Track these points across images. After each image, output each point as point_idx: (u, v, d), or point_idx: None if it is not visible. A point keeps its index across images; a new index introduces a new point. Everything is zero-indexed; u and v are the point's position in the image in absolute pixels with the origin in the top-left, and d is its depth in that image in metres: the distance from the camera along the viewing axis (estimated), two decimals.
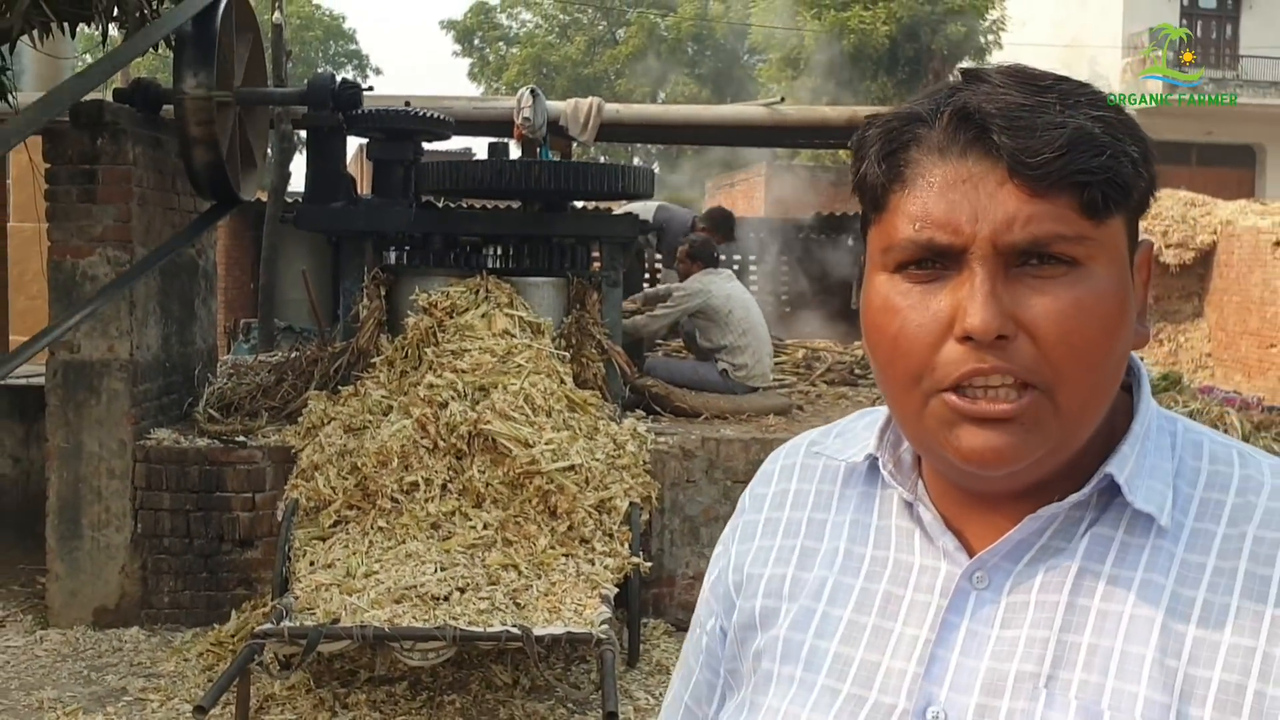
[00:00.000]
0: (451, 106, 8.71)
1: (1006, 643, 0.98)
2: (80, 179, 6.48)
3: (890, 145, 0.98)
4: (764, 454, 5.64)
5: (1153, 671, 0.94)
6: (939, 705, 0.98)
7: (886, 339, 0.98)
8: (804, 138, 13.30)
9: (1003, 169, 0.93)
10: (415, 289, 6.65)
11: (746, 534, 1.19)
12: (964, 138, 0.95)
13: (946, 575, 1.03)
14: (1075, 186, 0.93)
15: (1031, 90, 0.95)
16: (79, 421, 6.46)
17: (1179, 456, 1.03)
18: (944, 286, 0.96)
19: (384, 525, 5.76)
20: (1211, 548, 0.98)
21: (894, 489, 1.09)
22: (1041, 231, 0.93)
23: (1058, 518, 1.00)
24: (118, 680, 5.74)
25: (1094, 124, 0.94)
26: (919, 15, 25.27)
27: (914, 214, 0.96)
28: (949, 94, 0.98)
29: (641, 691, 5.66)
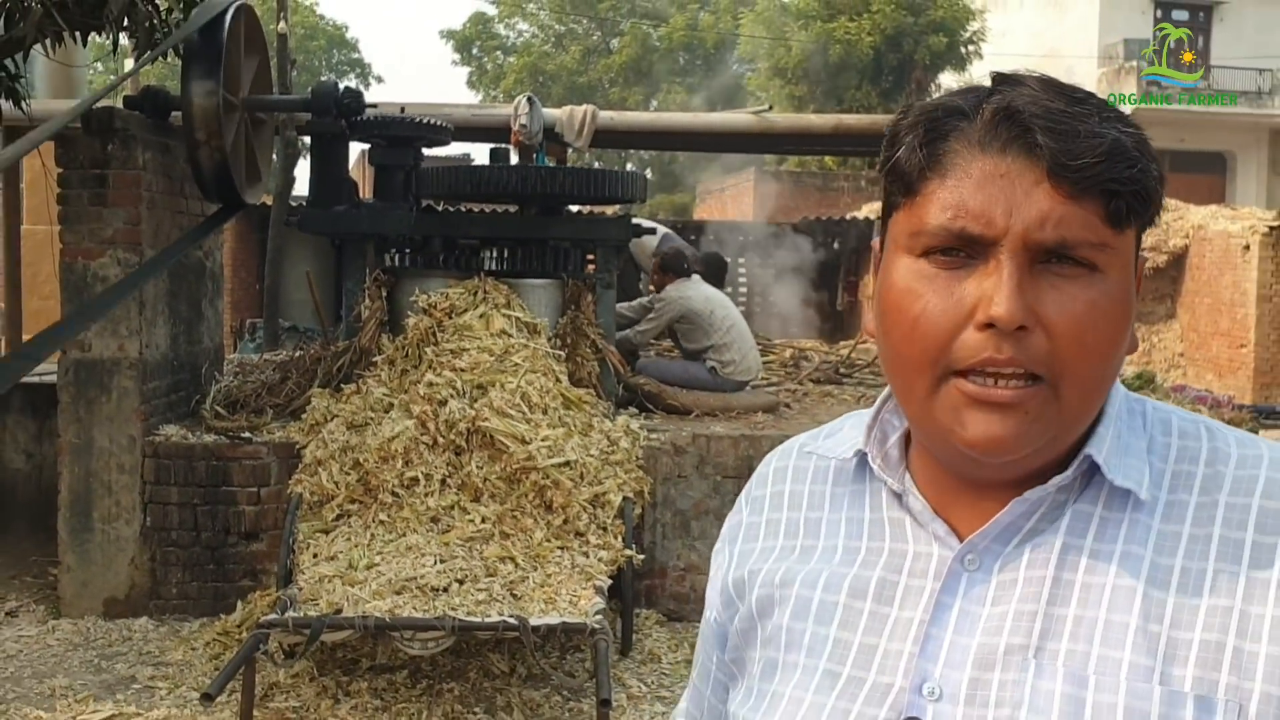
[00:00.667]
0: (451, 114, 8.70)
1: (996, 619, 1.00)
2: (91, 183, 6.47)
3: (931, 134, 0.99)
4: (753, 450, 5.68)
5: (1136, 637, 0.95)
6: (934, 681, 1.00)
7: (907, 320, 0.99)
8: (791, 144, 13.31)
9: (1041, 169, 0.94)
10: (415, 290, 6.65)
11: (748, 535, 1.20)
12: (1005, 134, 0.96)
13: (939, 559, 1.04)
14: (1105, 195, 0.94)
15: (1069, 99, 0.96)
16: (90, 418, 6.45)
17: (1149, 434, 1.05)
18: (969, 274, 0.96)
19: (385, 519, 5.75)
20: (1186, 517, 1.00)
21: (883, 481, 1.10)
22: (1070, 234, 0.94)
23: (1044, 501, 1.01)
24: (127, 669, 5.74)
25: (1126, 137, 0.96)
26: (902, 27, 25.28)
27: (949, 202, 0.96)
28: (988, 93, 0.99)
29: (634, 679, 5.66)
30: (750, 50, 28.46)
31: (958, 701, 0.98)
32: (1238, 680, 0.94)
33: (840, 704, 1.03)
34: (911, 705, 1.00)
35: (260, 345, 8.56)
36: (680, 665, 5.90)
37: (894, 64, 25.68)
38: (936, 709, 0.99)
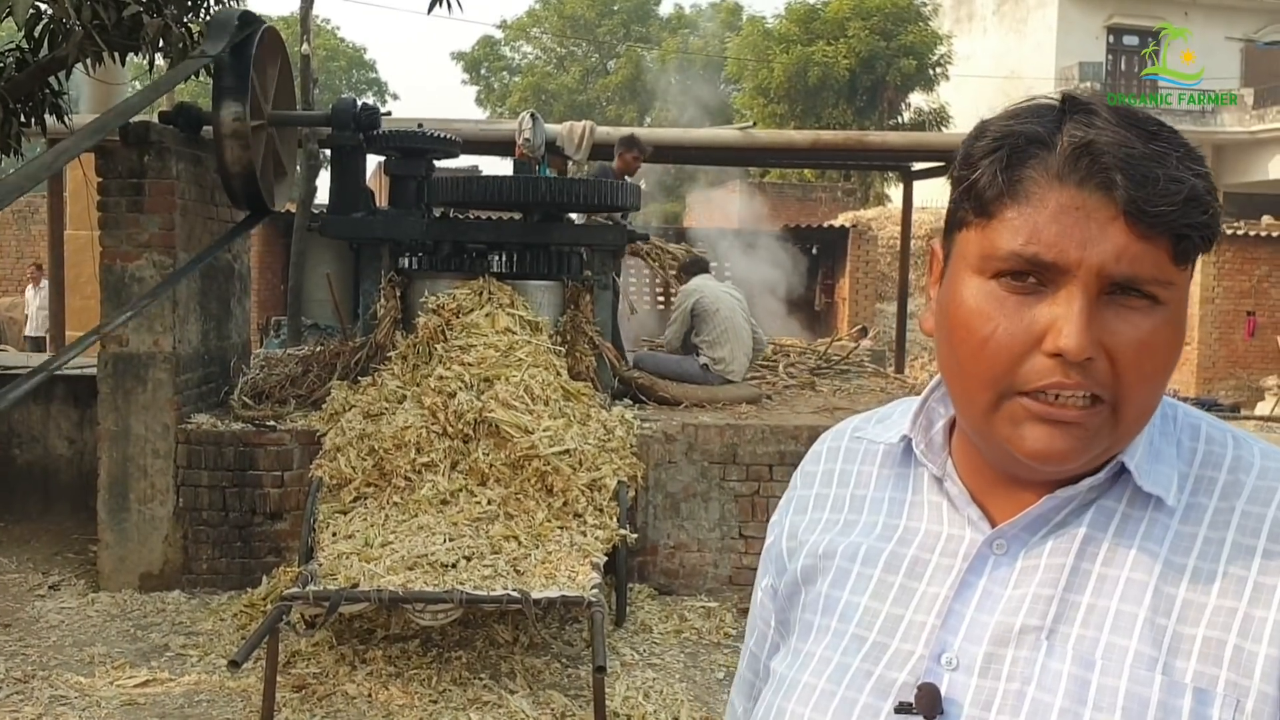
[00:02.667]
0: (460, 128, 8.68)
1: (1016, 600, 0.99)
2: (129, 191, 6.45)
3: (1011, 160, 0.95)
4: (737, 438, 5.66)
5: (1144, 628, 0.95)
6: (952, 652, 1.00)
7: (976, 339, 0.96)
8: (773, 158, 13.31)
9: (1115, 207, 0.91)
10: (427, 290, 6.63)
11: (800, 507, 1.20)
12: (1084, 169, 0.92)
13: (969, 542, 1.04)
14: (1175, 236, 0.92)
15: (1145, 136, 0.93)
16: (127, 407, 6.43)
17: (1178, 439, 1.03)
18: (1039, 301, 0.94)
19: (398, 501, 5.74)
20: (1204, 520, 0.98)
21: (925, 467, 1.10)
22: (1141, 271, 0.92)
23: (1075, 499, 1.00)
24: (161, 638, 5.72)
25: (1200, 181, 0.93)
26: (875, 50, 25.25)
27: (1025, 229, 0.93)
28: (1059, 118, 0.95)
29: (628, 648, 5.65)
30: (736, 71, 28.40)
31: (972, 673, 0.98)
32: (1237, 677, 0.92)
33: (864, 666, 1.04)
34: (930, 672, 1.00)
35: (284, 341, 8.54)
36: (670, 635, 5.90)
37: (868, 85, 25.66)
38: (952, 678, 0.99)
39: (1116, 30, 29.37)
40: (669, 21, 41.09)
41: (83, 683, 5.08)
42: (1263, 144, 27.25)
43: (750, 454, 6.62)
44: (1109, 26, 29.18)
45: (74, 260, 11.11)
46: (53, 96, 6.26)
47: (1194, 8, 28.93)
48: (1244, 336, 16.78)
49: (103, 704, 4.88)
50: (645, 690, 5.10)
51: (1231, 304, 16.75)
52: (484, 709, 4.82)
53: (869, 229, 16.69)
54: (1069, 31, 28.82)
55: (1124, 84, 29.29)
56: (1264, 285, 16.75)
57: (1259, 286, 16.75)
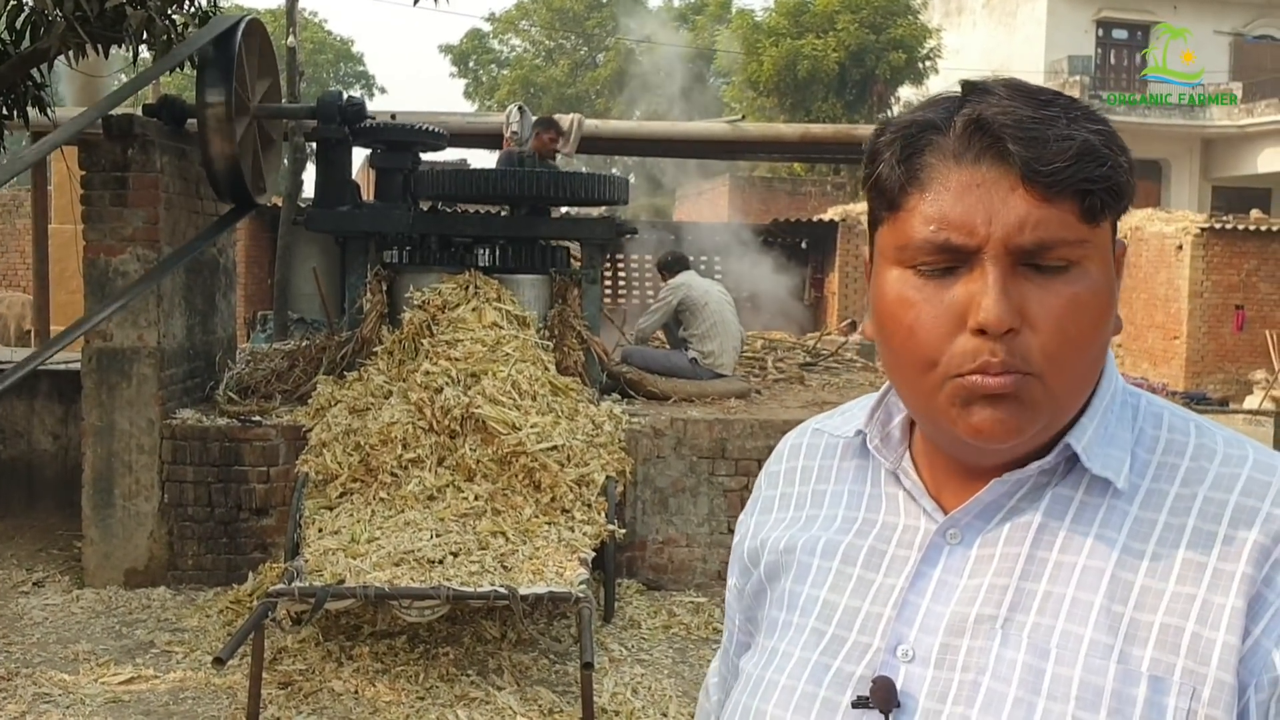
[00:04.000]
0: (447, 121, 8.65)
1: (971, 590, 0.99)
2: (113, 185, 6.41)
3: (907, 150, 0.96)
4: (725, 433, 5.65)
5: (1099, 616, 0.94)
6: (908, 644, 0.99)
7: (902, 329, 0.97)
8: (762, 151, 13.30)
9: (1014, 176, 0.92)
10: (412, 285, 6.60)
11: (765, 507, 1.21)
12: (978, 145, 0.93)
13: (924, 532, 1.03)
14: (1078, 194, 0.92)
15: (1036, 103, 0.93)
16: (112, 402, 6.40)
17: (1139, 426, 1.02)
18: (956, 281, 0.94)
19: (385, 497, 5.72)
20: (1164, 506, 0.97)
21: (880, 460, 1.10)
22: (1048, 235, 0.92)
23: (1025, 482, 1.00)
24: (146, 634, 5.69)
25: (1095, 136, 0.93)
26: (865, 44, 25.25)
27: (931, 215, 0.94)
28: (958, 104, 0.96)
29: (616, 644, 5.64)
30: (725, 65, 28.39)
31: (928, 664, 0.98)
32: (1194, 665, 0.91)
33: (823, 659, 1.04)
34: (885, 665, 1.00)
35: (271, 335, 8.51)
36: (658, 630, 5.89)
37: (857, 78, 25.66)
38: (908, 670, 0.99)
39: (1106, 24, 29.41)
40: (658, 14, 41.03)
41: (67, 680, 5.06)
42: (1251, 138, 27.32)
43: (739, 449, 6.62)
44: (1098, 20, 29.21)
45: (58, 255, 11.07)
46: (35, 89, 6.22)
47: (1183, 2, 28.98)
48: (1232, 330, 16.82)
49: (87, 701, 4.85)
50: (633, 686, 5.10)
51: (1220, 298, 16.78)
52: (471, 705, 4.81)
53: (858, 223, 16.68)
54: (1058, 25, 28.85)
55: (1113, 77, 29.35)
56: (1252, 279, 16.79)
57: (1247, 280, 16.79)
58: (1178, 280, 16.82)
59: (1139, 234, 17.68)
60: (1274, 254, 16.82)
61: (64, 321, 10.10)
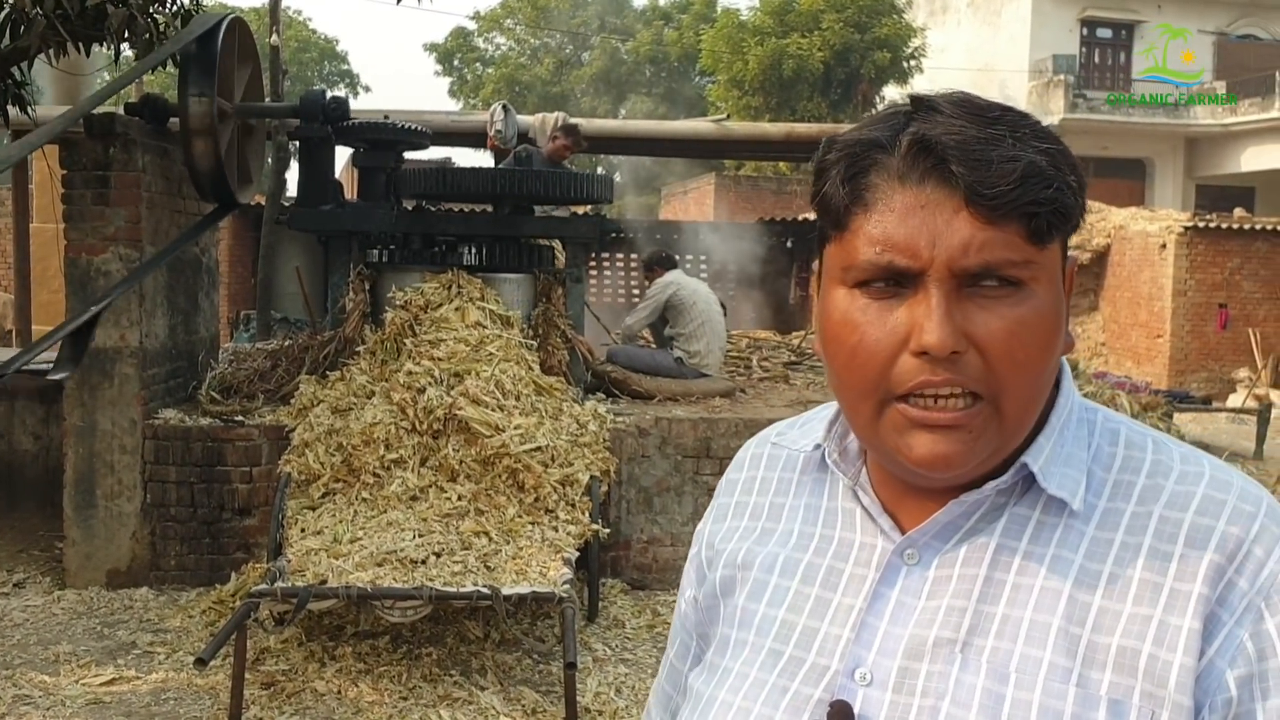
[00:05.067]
0: (431, 120, 8.63)
1: (930, 612, 0.98)
2: (94, 184, 6.38)
3: (852, 169, 0.95)
4: (710, 432, 5.66)
5: (1058, 639, 0.93)
6: (866, 667, 0.98)
7: (845, 350, 0.96)
8: (747, 150, 13.32)
9: (959, 197, 0.90)
10: (395, 284, 6.59)
11: (719, 515, 1.19)
12: (923, 166, 0.92)
13: (881, 551, 1.02)
14: (1024, 216, 0.90)
15: (983, 122, 0.92)
16: (93, 402, 6.37)
17: (1096, 444, 1.01)
18: (900, 303, 0.93)
19: (367, 497, 5.71)
20: (1120, 525, 0.96)
21: (838, 475, 1.08)
22: (993, 257, 0.91)
23: (982, 503, 0.99)
24: (128, 635, 5.68)
25: (1041, 157, 0.91)
26: (850, 43, 25.28)
27: (875, 237, 0.93)
28: (904, 122, 0.95)
29: (600, 644, 5.64)
30: (711, 64, 28.38)
31: (886, 688, 0.97)
32: (1152, 688, 0.90)
33: (780, 681, 1.02)
34: (843, 689, 0.98)
35: (254, 335, 8.48)
36: (642, 630, 5.90)
37: (842, 77, 25.69)
38: (866, 693, 0.97)
39: (1090, 23, 29.51)
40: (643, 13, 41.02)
41: (47, 681, 5.04)
42: (1235, 136, 27.45)
43: (724, 447, 6.62)
44: (1083, 19, 29.31)
45: (40, 254, 11.01)
46: (15, 88, 6.19)
47: (1168, 1, 29.09)
48: (1216, 329, 16.90)
49: (67, 703, 4.83)
50: (617, 686, 5.10)
51: (1203, 296, 16.86)
52: (454, 705, 4.81)
53: None
54: (1043, 24, 28.93)
55: (1097, 77, 29.44)
56: (1236, 278, 16.87)
57: (1231, 279, 16.87)
58: (1161, 279, 16.90)
59: (1123, 232, 17.76)
60: (1257, 252, 16.91)
61: (46, 321, 10.06)
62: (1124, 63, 29.78)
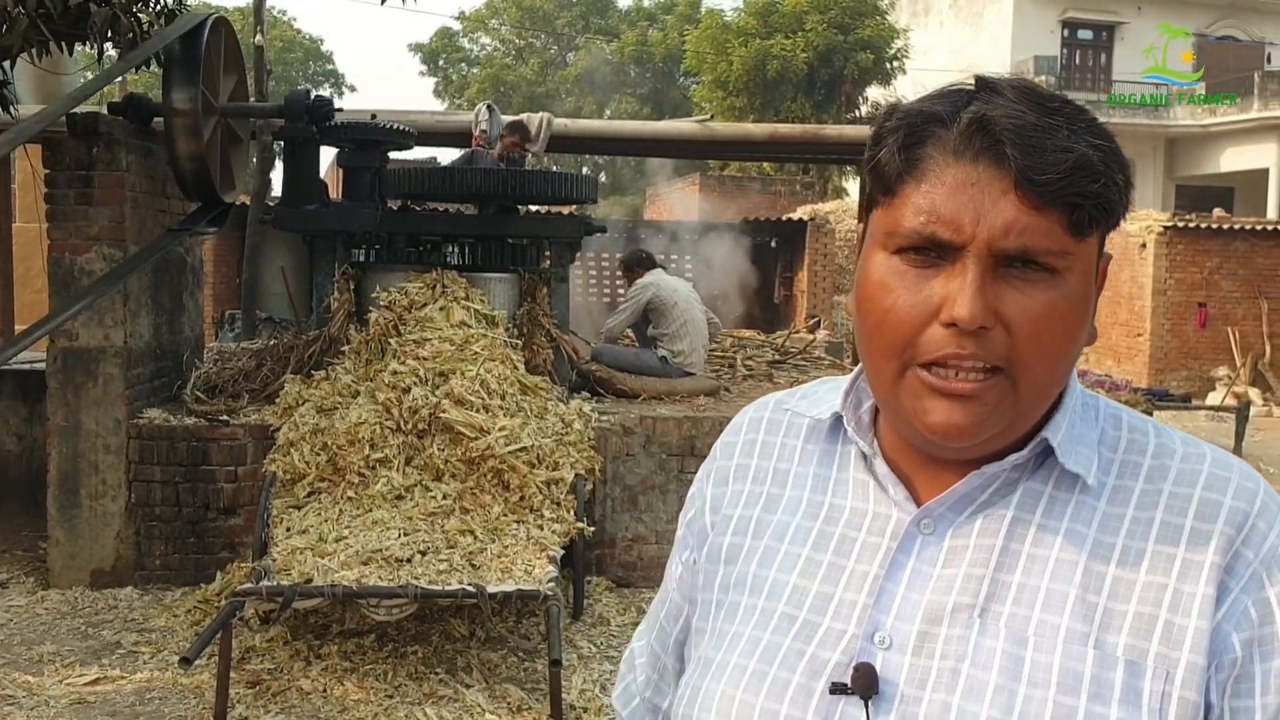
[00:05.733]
0: (416, 120, 8.62)
1: (946, 580, 1.00)
2: (78, 183, 6.36)
3: (910, 139, 0.97)
4: (694, 430, 5.67)
5: (1075, 606, 0.96)
6: (885, 631, 1.00)
7: (878, 311, 0.99)
8: (731, 151, 13.33)
9: (1009, 179, 0.93)
10: (380, 284, 6.58)
11: (720, 478, 1.20)
12: (978, 144, 0.94)
13: (897, 521, 1.04)
14: (1068, 206, 0.93)
15: (1042, 110, 0.94)
16: (77, 402, 6.35)
17: (1101, 427, 1.05)
18: (938, 274, 0.96)
19: (352, 496, 5.71)
20: (1130, 501, 1.00)
21: (854, 444, 1.10)
22: (1033, 243, 0.93)
23: (999, 477, 1.02)
24: (113, 635, 5.66)
25: (1094, 151, 0.94)
26: (833, 44, 25.31)
27: (923, 207, 0.95)
28: (966, 100, 0.97)
29: (585, 641, 5.65)
30: (695, 64, 28.40)
31: (906, 651, 0.99)
32: (1167, 650, 0.95)
33: (796, 645, 1.03)
34: (863, 651, 1.00)
35: (238, 335, 8.45)
36: (627, 627, 5.90)
37: (826, 78, 25.72)
38: (886, 656, 0.99)
39: (1071, 24, 29.66)
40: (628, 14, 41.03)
41: (31, 681, 5.02)
42: (1214, 137, 27.61)
43: (708, 446, 6.59)
44: (1064, 20, 29.45)
45: (23, 254, 10.96)
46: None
47: (1146, 3, 29.24)
48: (1195, 328, 17.00)
49: (51, 703, 4.82)
50: (602, 683, 5.11)
51: (1183, 295, 16.96)
52: (440, 703, 4.81)
53: (827, 222, 16.73)
54: (1024, 25, 29.06)
55: (1078, 77, 29.57)
56: (1215, 277, 16.97)
57: (1210, 278, 16.97)
58: (1141, 278, 16.99)
59: None
60: (1236, 252, 17.01)
61: (29, 321, 10.00)
62: (1105, 64, 29.93)
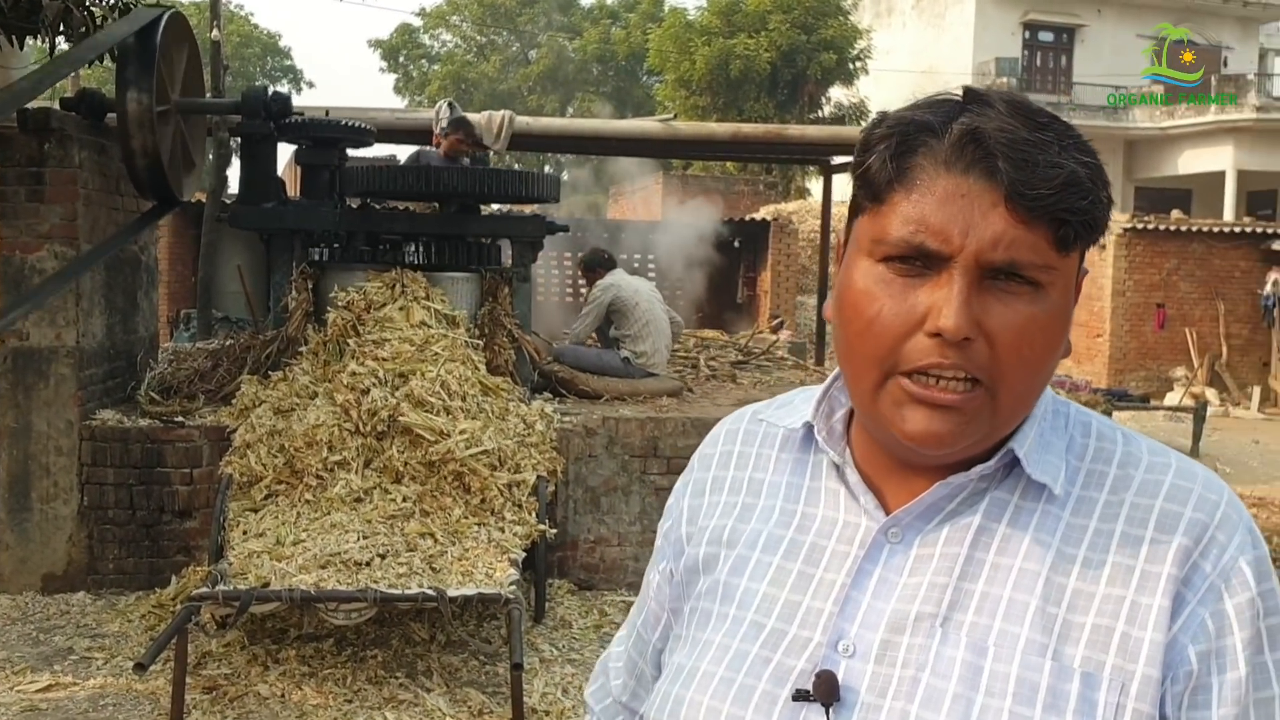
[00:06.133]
0: (375, 117, 8.55)
1: (911, 588, 1.01)
2: (28, 180, 6.25)
3: (901, 148, 0.97)
4: (657, 431, 5.65)
5: (1035, 616, 0.97)
6: (849, 639, 1.01)
7: (862, 319, 0.99)
8: (694, 150, 13.33)
9: (999, 192, 0.93)
10: (338, 283, 6.52)
11: (698, 490, 1.21)
12: (970, 156, 0.94)
13: (865, 530, 1.05)
14: (1055, 222, 0.94)
15: (1033, 125, 0.95)
16: (28, 403, 6.25)
17: (1070, 434, 1.06)
18: (923, 284, 0.96)
19: (310, 499, 5.64)
20: (1094, 512, 1.01)
21: (825, 453, 1.11)
22: (1019, 256, 0.94)
23: (966, 487, 1.03)
24: (65, 641, 5.57)
25: (1083, 169, 0.95)
26: (796, 44, 25.40)
27: (912, 217, 0.95)
28: (956, 111, 0.97)
29: (546, 644, 5.62)
30: (658, 63, 28.40)
31: (869, 660, 1.00)
32: (1123, 662, 0.95)
33: (763, 652, 1.05)
34: (827, 659, 1.01)
35: (194, 334, 8.35)
36: (589, 630, 5.88)
37: (789, 78, 25.82)
38: (849, 665, 1.00)
39: (1032, 26, 29.93)
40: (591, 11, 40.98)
41: None
42: (1173, 139, 27.97)
43: (671, 446, 6.63)
44: (1025, 23, 29.72)
45: None
46: None
47: (1106, 5, 29.57)
48: (1154, 328, 17.20)
49: (2, 710, 4.73)
50: (564, 686, 5.09)
51: (1142, 296, 17.15)
52: (400, 708, 4.76)
53: (790, 222, 16.78)
54: (986, 27, 29.30)
55: (1039, 79, 29.85)
56: (1173, 278, 17.18)
57: (1168, 279, 17.17)
58: (1101, 279, 17.16)
59: None
60: (1193, 254, 17.23)
61: None
62: (1065, 65, 30.22)
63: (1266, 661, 0.97)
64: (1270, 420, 16.17)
